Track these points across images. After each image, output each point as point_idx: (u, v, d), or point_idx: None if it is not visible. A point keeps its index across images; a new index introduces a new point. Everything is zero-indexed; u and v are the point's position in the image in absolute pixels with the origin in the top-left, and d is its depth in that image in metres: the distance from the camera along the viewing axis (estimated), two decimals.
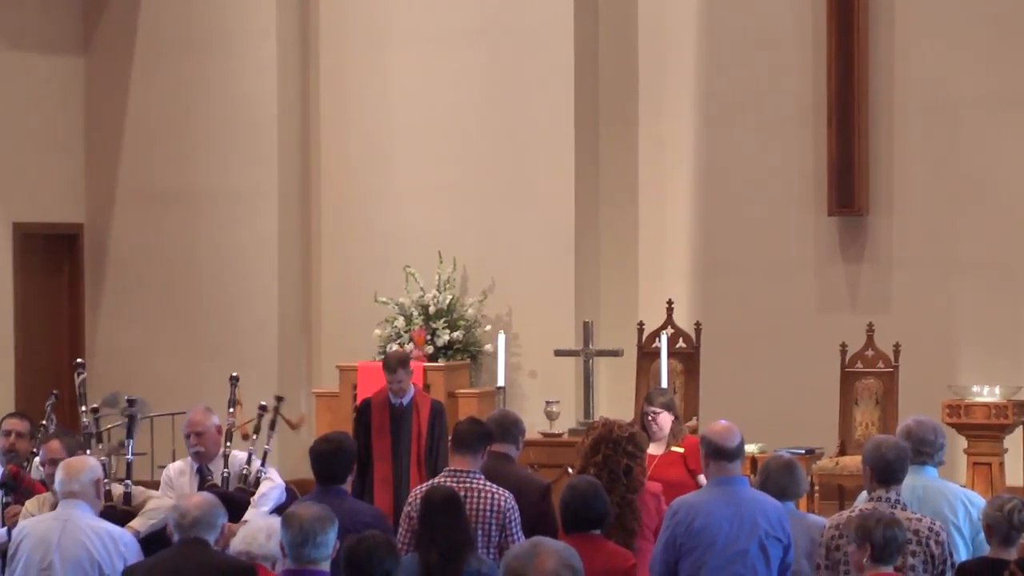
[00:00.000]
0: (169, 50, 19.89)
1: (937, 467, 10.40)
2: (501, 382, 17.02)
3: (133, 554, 9.85)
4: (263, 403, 12.87)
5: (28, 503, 11.12)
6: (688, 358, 17.61)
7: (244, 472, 11.94)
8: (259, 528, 9.20)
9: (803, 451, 16.05)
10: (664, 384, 16.47)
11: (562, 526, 9.63)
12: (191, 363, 19.48)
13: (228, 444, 12.14)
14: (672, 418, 12.82)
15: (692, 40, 18.59)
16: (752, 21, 18.21)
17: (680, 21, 18.61)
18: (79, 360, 13.44)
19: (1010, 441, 16.40)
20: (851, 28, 17.84)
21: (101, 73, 20.26)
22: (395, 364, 14.77)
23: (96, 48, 20.26)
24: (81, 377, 13.02)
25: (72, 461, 10.30)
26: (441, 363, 18.41)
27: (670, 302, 17.70)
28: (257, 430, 12.57)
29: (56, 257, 20.36)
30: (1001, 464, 16.22)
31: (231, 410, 12.60)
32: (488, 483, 10.48)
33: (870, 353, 17.32)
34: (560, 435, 16.52)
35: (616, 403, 17.29)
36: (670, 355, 16.80)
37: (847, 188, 17.97)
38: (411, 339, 18.53)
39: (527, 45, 18.67)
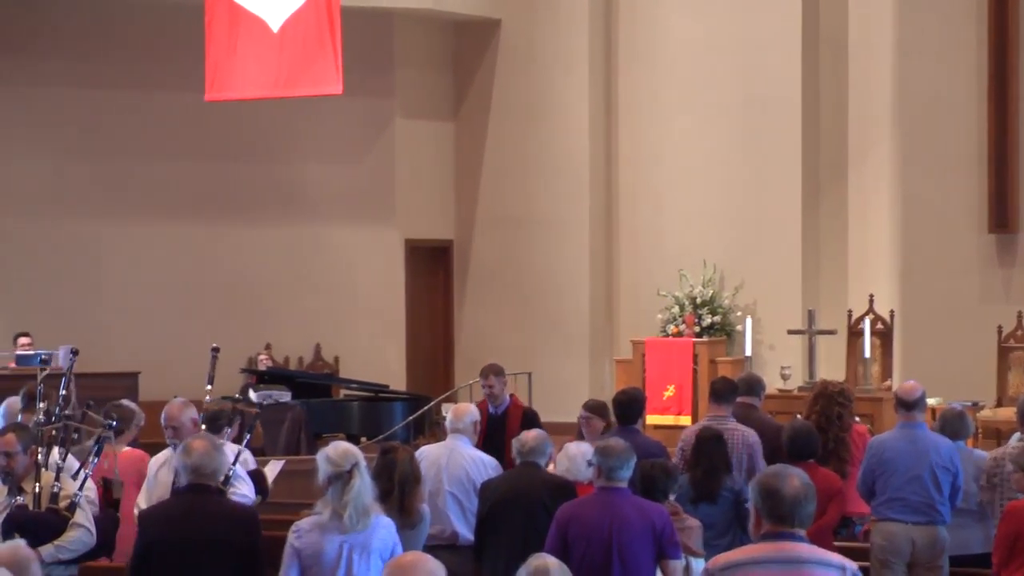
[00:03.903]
0: (512, 114, 19.89)
1: None
2: (748, 353, 16.99)
3: (494, 473, 9.56)
4: (237, 395, 10.18)
5: None
6: (885, 337, 17.36)
7: None
8: (580, 453, 8.91)
9: (970, 404, 15.40)
10: (867, 355, 16.42)
11: (787, 456, 9.54)
12: (528, 338, 19.47)
13: (203, 428, 9.05)
14: (603, 423, 10.44)
15: (888, 103, 18.16)
16: (932, 89, 17.88)
17: (880, 92, 18.38)
18: (43, 356, 10.19)
19: None
20: (1006, 90, 17.53)
21: (466, 132, 20.31)
22: (488, 371, 11.99)
23: (462, 115, 20.34)
24: (43, 372, 9.64)
25: (459, 406, 10.16)
26: (705, 339, 18.30)
27: (871, 295, 17.49)
28: (229, 422, 9.40)
29: (434, 264, 20.42)
30: None
31: (209, 387, 9.82)
32: (739, 424, 10.46)
33: (1020, 332, 17.10)
34: (791, 391, 16.33)
35: (831, 368, 16.95)
36: (872, 334, 16.60)
37: (1003, 212, 17.59)
38: (684, 322, 18.61)
39: (766, 110, 18.40)
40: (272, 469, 11.27)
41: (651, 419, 16.77)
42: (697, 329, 18.48)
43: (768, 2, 18.58)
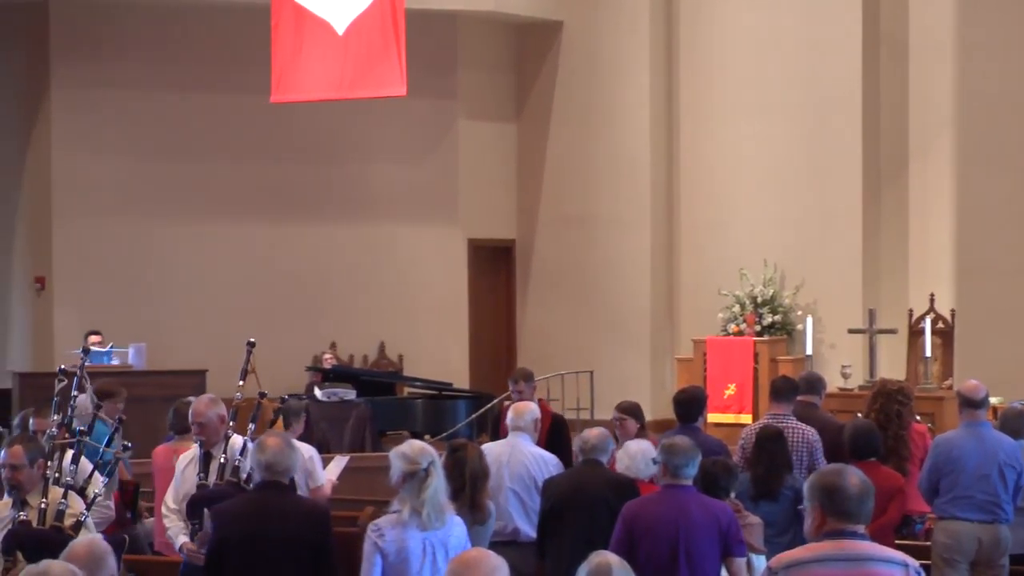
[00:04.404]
0: (574, 114, 19.92)
1: None
2: (809, 352, 16.93)
3: (555, 470, 9.53)
4: (262, 391, 9.66)
5: None
6: (945, 336, 17.30)
7: (237, 464, 8.48)
8: (640, 451, 8.94)
9: None
10: (928, 354, 16.27)
11: (849, 454, 9.52)
12: (590, 337, 19.53)
13: (231, 424, 8.76)
14: (637, 425, 10.39)
15: (949, 102, 17.99)
16: (992, 87, 17.70)
17: (941, 91, 18.24)
18: (62, 367, 9.31)
19: None
20: None
21: (528, 132, 20.38)
22: (518, 377, 11.76)
23: (525, 116, 20.42)
24: (62, 384, 8.94)
25: (519, 404, 10.12)
26: (766, 338, 18.24)
27: (932, 294, 17.41)
28: (255, 419, 9.03)
29: (497, 263, 20.49)
30: None
31: (241, 383, 9.30)
32: (799, 422, 10.40)
33: None
34: (851, 390, 16.28)
35: (891, 367, 16.92)
36: (932, 333, 16.49)
37: None
38: (744, 321, 18.59)
39: (827, 109, 18.30)
40: (337, 465, 11.33)
41: (712, 417, 16.71)
42: (758, 328, 18.42)
43: (829, 2, 18.50)
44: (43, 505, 7.59)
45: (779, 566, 5.52)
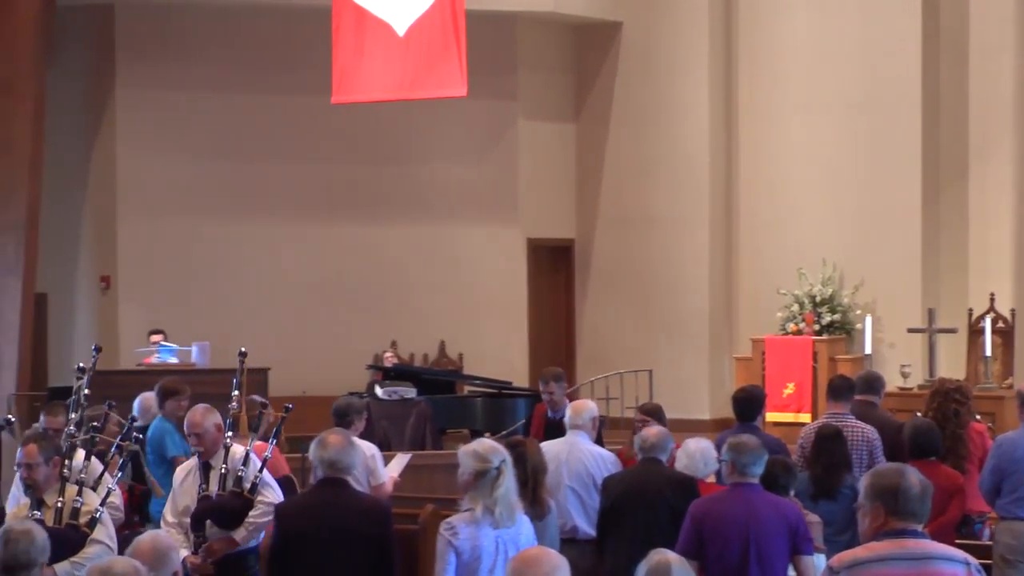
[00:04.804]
0: (633, 115, 19.92)
1: None
2: (868, 351, 16.86)
3: (614, 468, 9.53)
4: (264, 400, 10.01)
5: (16, 509, 7.89)
6: (1005, 335, 17.20)
7: (240, 474, 8.31)
8: (699, 449, 8.94)
9: None
10: (988, 353, 16.15)
11: (908, 453, 9.44)
12: (648, 336, 19.54)
13: (229, 435, 8.48)
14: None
15: (1009, 100, 18.00)
16: None
17: (1001, 90, 18.15)
18: (79, 365, 9.11)
19: None
20: None
21: (587, 133, 20.39)
22: (549, 378, 11.64)
23: (584, 116, 20.43)
24: (80, 382, 8.83)
25: (578, 403, 10.07)
26: (824, 337, 18.20)
27: (992, 294, 17.25)
28: (256, 428, 8.88)
29: (556, 263, 20.51)
30: None
31: (235, 394, 9.02)
32: (858, 421, 10.35)
33: None
34: (910, 389, 16.21)
35: (951, 367, 16.75)
36: (992, 332, 16.34)
37: None
38: (803, 320, 18.52)
39: (886, 108, 18.27)
40: (398, 463, 11.34)
41: (770, 416, 16.68)
42: (816, 327, 18.39)
43: (888, 1, 18.37)
44: (59, 504, 7.51)
45: (840, 565, 5.49)
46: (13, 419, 7.79)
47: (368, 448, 10.28)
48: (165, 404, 10.68)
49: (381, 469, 10.42)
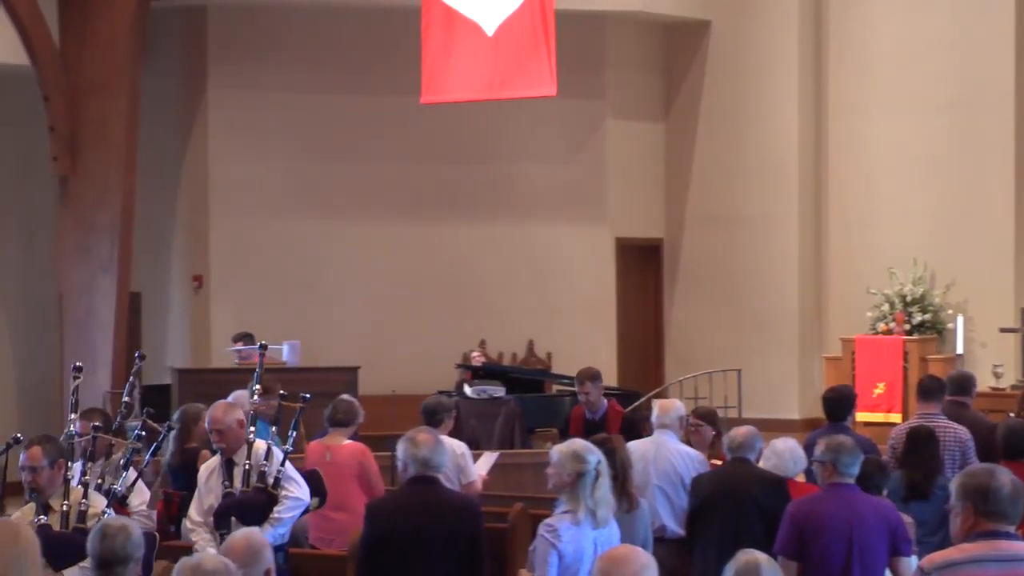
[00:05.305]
0: (722, 114, 19.86)
1: None
2: (959, 351, 16.78)
3: (701, 468, 9.55)
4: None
5: (20, 511, 7.59)
6: None
7: (263, 468, 8.28)
8: (788, 449, 8.95)
9: None
10: None
11: (1001, 454, 9.39)
12: (737, 336, 19.45)
13: (252, 429, 8.43)
14: (713, 432, 10.33)
15: None
16: None
17: None
18: (77, 364, 8.80)
19: None
20: None
21: (676, 132, 20.29)
22: (584, 378, 11.53)
23: (673, 115, 20.34)
24: (76, 383, 8.52)
25: (664, 402, 10.09)
26: (915, 337, 18.06)
27: None
28: (276, 422, 8.86)
29: (644, 262, 20.42)
30: None
31: (257, 387, 8.79)
32: (950, 422, 10.33)
33: None
34: (1003, 389, 16.15)
35: None
36: None
37: None
38: (894, 319, 18.39)
39: (978, 106, 18.13)
40: (486, 462, 11.39)
41: (860, 416, 16.53)
42: (907, 327, 18.25)
43: None
44: (65, 507, 7.36)
45: (932, 567, 5.45)
46: (22, 438, 7.66)
47: (458, 446, 10.38)
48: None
49: (471, 467, 10.48)
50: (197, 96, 19.02)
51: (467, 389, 16.57)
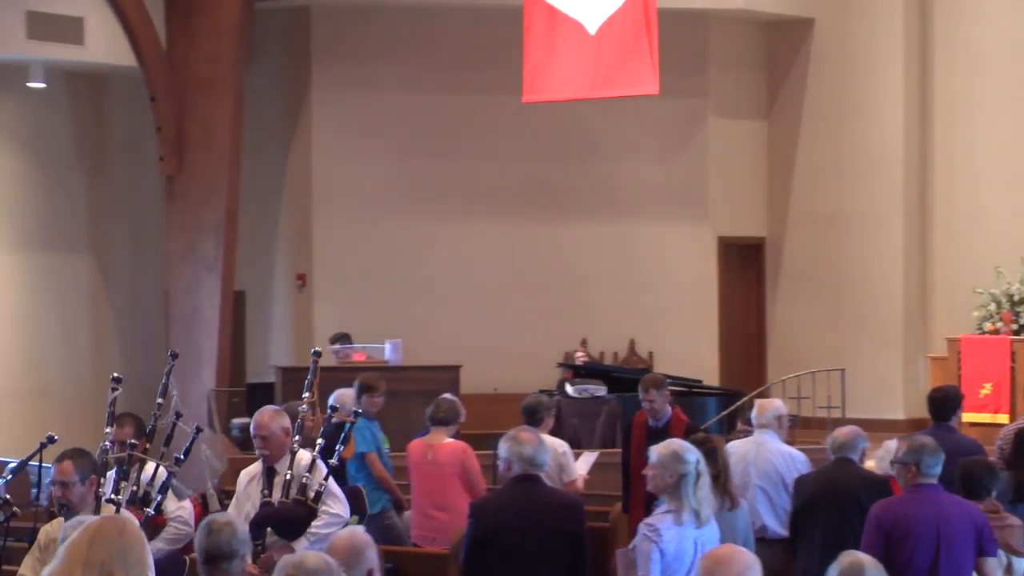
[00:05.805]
0: (825, 112, 19.74)
1: None
2: None
3: (804, 468, 9.50)
4: (334, 404, 9.50)
5: (49, 525, 7.25)
6: None
7: (305, 481, 7.96)
8: (889, 451, 8.72)
9: None
10: None
11: None
12: (841, 335, 19.30)
13: (297, 439, 8.13)
14: None
15: None
16: None
17: None
18: (116, 375, 8.43)
19: None
20: None
21: (779, 130, 20.21)
22: (648, 385, 10.92)
23: (775, 113, 20.26)
24: (115, 394, 8.25)
25: (764, 401, 10.09)
26: (1023, 337, 17.82)
27: None
28: (324, 434, 8.42)
29: (747, 261, 20.35)
30: None
31: (306, 395, 8.71)
32: None
33: None
34: None
35: None
36: None
37: None
38: (1001, 319, 18.16)
39: None
40: (586, 461, 11.39)
41: (967, 416, 16.32)
42: (1015, 327, 18.00)
43: None
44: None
45: None
46: (57, 437, 7.57)
47: (559, 445, 10.40)
48: (361, 399, 10.69)
49: (572, 466, 10.49)
50: (301, 96, 19.19)
51: (568, 388, 16.59)
